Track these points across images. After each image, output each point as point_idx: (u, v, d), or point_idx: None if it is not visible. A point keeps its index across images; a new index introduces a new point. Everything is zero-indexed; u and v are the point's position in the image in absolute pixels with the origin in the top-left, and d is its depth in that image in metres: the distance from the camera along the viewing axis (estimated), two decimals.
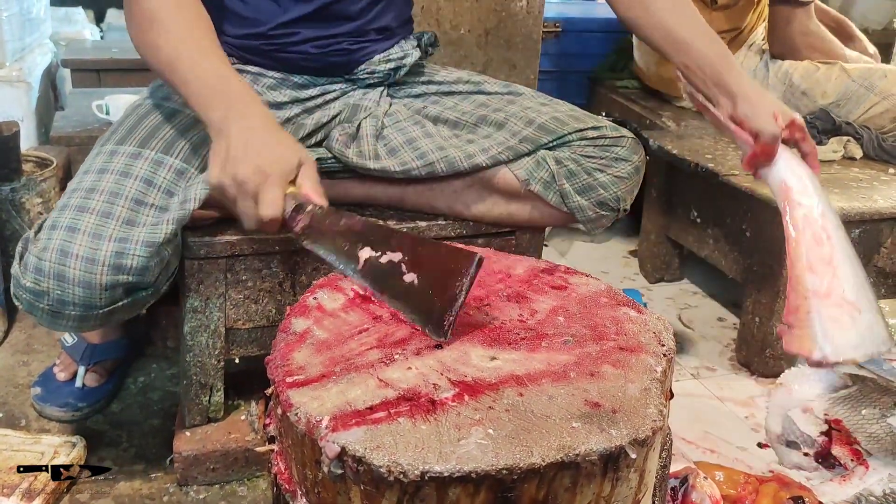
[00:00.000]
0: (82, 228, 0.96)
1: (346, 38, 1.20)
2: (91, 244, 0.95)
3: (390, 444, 0.59)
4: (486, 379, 0.67)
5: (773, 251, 1.54)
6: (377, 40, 1.24)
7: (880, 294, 1.65)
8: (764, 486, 1.22)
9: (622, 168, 1.22)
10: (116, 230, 0.97)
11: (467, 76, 1.33)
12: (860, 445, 1.35)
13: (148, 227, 0.99)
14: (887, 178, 1.70)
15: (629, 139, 1.23)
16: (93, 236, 0.96)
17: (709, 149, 1.82)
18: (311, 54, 1.19)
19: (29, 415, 1.33)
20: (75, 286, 0.95)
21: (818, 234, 1.09)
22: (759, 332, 1.60)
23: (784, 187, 1.14)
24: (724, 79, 1.16)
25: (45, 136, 2.37)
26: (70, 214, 0.97)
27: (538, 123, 1.21)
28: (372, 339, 0.73)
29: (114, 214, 0.98)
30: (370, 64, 1.24)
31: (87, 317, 0.98)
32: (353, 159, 1.18)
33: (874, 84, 1.94)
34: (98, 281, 0.95)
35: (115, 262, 0.95)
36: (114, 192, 1.00)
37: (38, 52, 2.68)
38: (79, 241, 0.95)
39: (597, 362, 0.71)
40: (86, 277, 0.95)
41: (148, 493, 1.19)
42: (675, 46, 1.19)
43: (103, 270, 0.95)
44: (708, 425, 1.44)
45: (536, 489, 0.59)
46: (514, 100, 1.27)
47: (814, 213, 1.11)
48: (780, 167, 1.15)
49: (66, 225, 0.96)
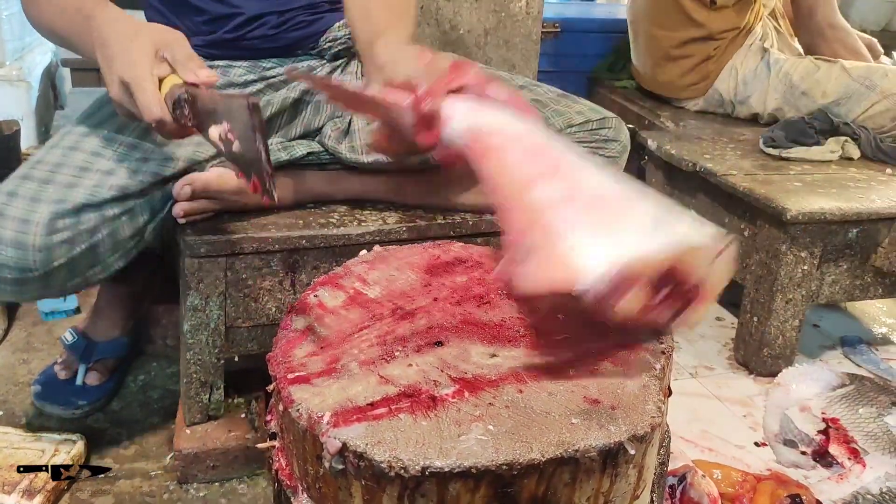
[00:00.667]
0: (21, 193, 0.99)
1: (300, 11, 1.21)
2: (27, 206, 0.97)
3: (391, 440, 0.59)
4: (486, 376, 0.68)
5: (771, 250, 1.55)
6: (332, 10, 1.24)
7: (877, 294, 1.66)
8: (761, 484, 1.23)
9: (612, 148, 1.24)
10: (55, 193, 0.99)
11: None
12: (857, 444, 1.36)
13: (89, 189, 1.01)
14: (885, 179, 1.71)
15: (612, 118, 1.25)
16: (30, 200, 0.98)
17: (707, 149, 1.83)
18: (270, 35, 1.19)
19: (29, 413, 1.33)
20: (8, 247, 0.96)
21: (531, 147, 0.75)
22: (757, 332, 1.61)
23: (471, 134, 0.77)
24: (374, 49, 0.92)
25: (45, 135, 2.38)
26: (13, 182, 1.00)
27: None
28: (373, 336, 0.74)
29: (55, 181, 1.00)
30: (331, 31, 1.24)
31: (23, 280, 0.99)
32: (346, 155, 1.19)
33: (875, 83, 1.94)
34: (31, 241, 0.96)
35: (48, 220, 0.97)
36: (59, 164, 1.02)
37: (38, 52, 2.68)
38: (16, 204, 0.98)
39: (596, 359, 0.71)
40: (19, 238, 0.96)
41: (148, 490, 1.19)
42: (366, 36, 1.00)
43: (37, 230, 0.97)
44: (706, 424, 1.45)
45: (536, 484, 0.60)
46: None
47: (515, 132, 0.77)
48: (458, 114, 0.78)
49: (7, 191, 0.99)
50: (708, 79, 2.18)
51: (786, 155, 1.79)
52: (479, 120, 0.77)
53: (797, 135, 1.81)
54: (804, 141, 1.81)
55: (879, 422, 1.41)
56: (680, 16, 2.15)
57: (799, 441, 1.39)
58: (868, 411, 1.44)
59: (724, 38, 2.14)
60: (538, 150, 0.74)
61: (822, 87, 2.00)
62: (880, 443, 1.36)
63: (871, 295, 1.66)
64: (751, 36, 2.15)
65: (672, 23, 2.18)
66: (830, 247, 1.55)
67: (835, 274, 1.59)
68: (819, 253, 1.54)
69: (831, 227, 1.53)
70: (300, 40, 1.22)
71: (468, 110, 0.78)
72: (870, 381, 1.57)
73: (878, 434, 1.38)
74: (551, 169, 0.71)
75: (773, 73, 2.08)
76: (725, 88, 2.16)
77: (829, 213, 1.49)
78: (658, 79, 2.29)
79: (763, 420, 1.47)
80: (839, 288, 1.61)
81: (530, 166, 0.72)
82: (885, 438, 1.37)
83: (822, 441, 1.37)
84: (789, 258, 1.52)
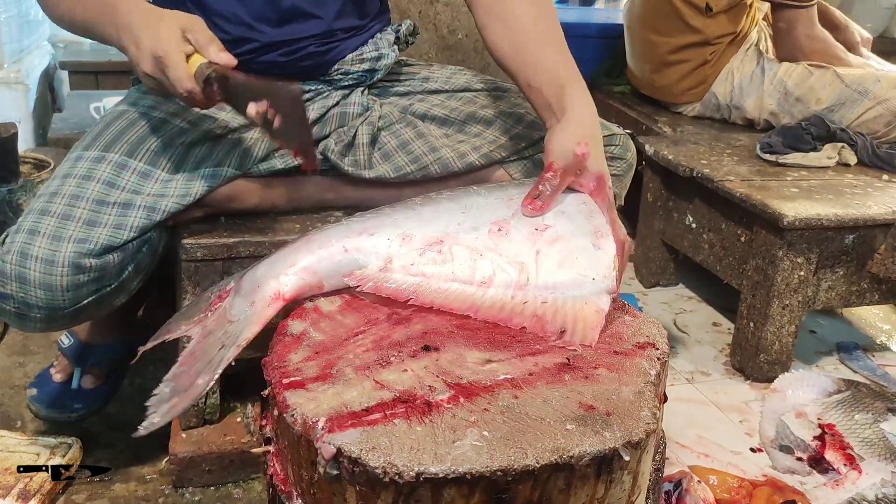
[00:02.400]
0: (42, 231, 0.97)
1: (313, 40, 1.18)
2: (50, 246, 0.96)
3: (386, 446, 0.59)
4: (482, 381, 0.68)
5: (767, 256, 1.55)
6: (345, 38, 1.22)
7: (874, 300, 1.66)
8: (757, 490, 1.23)
9: (618, 166, 1.23)
10: (76, 231, 0.98)
11: (450, 73, 1.32)
12: (853, 450, 1.36)
13: (110, 229, 1.00)
14: (881, 185, 1.71)
15: (621, 136, 1.24)
16: (52, 238, 0.97)
17: (704, 154, 1.83)
18: (280, 63, 1.17)
19: (25, 416, 1.33)
20: (37, 288, 0.96)
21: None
22: (754, 338, 1.61)
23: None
24: (562, 100, 0.99)
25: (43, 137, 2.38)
26: (32, 218, 0.99)
27: (528, 121, 1.22)
28: (368, 341, 0.74)
29: (74, 216, 0.99)
30: (342, 64, 1.22)
31: (52, 317, 0.99)
32: (348, 169, 1.18)
33: (868, 89, 1.95)
34: (59, 283, 0.96)
35: (74, 262, 0.96)
36: (75, 195, 1.01)
37: (36, 54, 2.68)
38: (38, 243, 0.96)
39: (591, 366, 0.71)
40: (46, 279, 0.96)
41: (143, 494, 1.19)
42: (524, 65, 1.04)
43: (63, 272, 0.96)
44: (702, 429, 1.45)
45: (531, 491, 0.60)
46: (501, 96, 1.28)
47: None
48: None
49: (28, 228, 0.98)
50: (705, 83, 2.19)
51: (783, 161, 1.80)
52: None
53: (794, 141, 1.82)
54: (801, 147, 1.81)
55: (875, 428, 1.41)
56: (676, 21, 2.15)
57: (795, 447, 1.39)
58: (864, 417, 1.44)
59: (721, 44, 2.14)
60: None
61: (816, 93, 2.01)
62: (876, 449, 1.36)
63: (867, 301, 1.66)
64: (747, 41, 2.16)
65: (668, 28, 2.18)
66: (827, 253, 1.56)
67: (831, 280, 1.59)
68: (815, 259, 1.54)
69: (828, 233, 1.53)
70: (310, 69, 1.21)
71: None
72: (866, 387, 1.57)
73: (873, 440, 1.38)
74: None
75: (768, 80, 2.09)
76: (722, 93, 2.17)
77: (825, 219, 1.50)
78: (655, 84, 2.29)
79: (759, 426, 1.47)
80: (835, 294, 1.61)
81: None
82: (881, 444, 1.37)
83: (818, 447, 1.37)
84: (786, 264, 1.53)
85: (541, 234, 0.84)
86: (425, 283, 0.80)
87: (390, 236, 0.81)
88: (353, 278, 0.80)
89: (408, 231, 0.82)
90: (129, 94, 1.19)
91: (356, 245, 0.80)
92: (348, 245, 0.79)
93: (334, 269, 0.79)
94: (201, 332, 0.74)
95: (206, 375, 0.67)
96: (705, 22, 2.12)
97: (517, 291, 0.79)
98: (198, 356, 0.70)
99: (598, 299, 0.78)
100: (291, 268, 0.77)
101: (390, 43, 1.28)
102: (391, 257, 0.80)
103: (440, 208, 0.88)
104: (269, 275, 0.78)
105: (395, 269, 0.80)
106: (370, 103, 1.24)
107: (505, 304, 0.78)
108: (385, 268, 0.80)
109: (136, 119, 1.11)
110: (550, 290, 0.78)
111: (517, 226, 0.85)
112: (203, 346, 0.71)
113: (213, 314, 0.77)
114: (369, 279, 0.80)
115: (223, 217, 1.16)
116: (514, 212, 0.87)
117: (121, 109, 1.14)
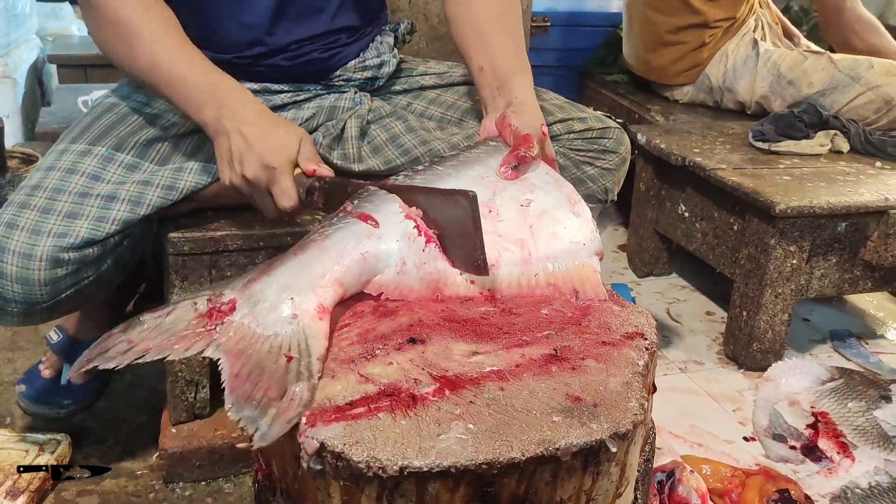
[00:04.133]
0: (21, 224, 0.96)
1: (316, 42, 1.16)
2: (28, 240, 0.95)
3: (369, 440, 0.58)
4: (468, 374, 0.67)
5: (760, 245, 1.55)
6: (348, 43, 1.21)
7: (867, 287, 1.66)
8: (750, 479, 1.23)
9: (610, 160, 1.22)
10: (56, 225, 0.97)
11: (448, 68, 1.32)
12: (846, 438, 1.36)
13: (91, 221, 0.98)
14: (874, 172, 1.71)
15: (615, 129, 1.23)
16: (31, 232, 0.96)
17: (697, 143, 1.83)
18: (283, 67, 1.16)
19: (14, 412, 1.32)
20: (14, 283, 0.95)
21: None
22: (747, 326, 1.60)
23: None
24: (509, 84, 1.03)
25: (31, 131, 2.36)
26: (11, 210, 0.97)
27: None
28: (353, 334, 0.73)
29: (55, 210, 0.98)
30: (345, 70, 1.21)
31: (30, 312, 0.98)
32: (337, 163, 1.17)
33: (860, 74, 1.95)
34: (36, 277, 0.95)
35: (52, 255, 0.95)
36: (57, 189, 0.99)
37: (24, 48, 2.66)
38: (17, 237, 0.95)
39: (579, 356, 0.71)
40: (23, 273, 0.95)
41: (134, 490, 1.18)
42: (482, 48, 1.08)
43: (41, 266, 0.95)
44: (695, 419, 1.45)
45: (517, 483, 0.59)
46: None
47: None
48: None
49: (6, 221, 0.96)
50: (699, 66, 2.19)
51: (775, 149, 1.79)
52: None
53: (786, 128, 1.81)
54: (793, 134, 1.80)
55: (868, 416, 1.41)
56: (678, 2, 2.16)
57: (788, 435, 1.39)
58: (857, 405, 1.44)
59: (719, 27, 2.15)
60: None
61: (808, 77, 2.01)
62: (869, 437, 1.36)
63: (860, 289, 1.66)
64: (744, 26, 2.16)
65: (670, 8, 2.19)
66: (819, 241, 1.55)
67: (824, 268, 1.59)
68: (808, 247, 1.54)
69: (820, 220, 1.53)
70: (311, 74, 1.19)
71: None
72: (859, 375, 1.57)
73: (867, 428, 1.38)
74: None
75: (762, 63, 2.09)
76: (715, 74, 2.17)
77: (818, 206, 1.49)
78: (651, 63, 2.29)
79: (752, 415, 1.47)
80: (828, 282, 1.60)
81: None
82: (874, 432, 1.37)
83: (812, 435, 1.37)
84: (778, 252, 1.52)
85: (528, 210, 0.86)
86: (443, 278, 0.80)
87: (398, 237, 0.80)
88: (374, 287, 0.78)
89: (409, 230, 0.80)
90: (121, 86, 1.17)
91: (372, 251, 0.78)
92: (364, 251, 0.78)
93: (356, 277, 0.77)
94: (229, 354, 0.69)
95: (302, 383, 0.64)
96: (707, 5, 2.13)
97: (524, 267, 0.82)
98: (253, 373, 0.66)
99: (592, 262, 0.83)
100: (323, 279, 0.75)
101: (391, 47, 1.27)
102: (404, 259, 0.79)
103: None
104: (300, 286, 0.73)
105: (410, 271, 0.79)
106: (361, 98, 1.23)
107: (521, 279, 0.82)
108: (401, 271, 0.79)
109: (128, 113, 1.09)
110: (552, 260, 0.83)
111: (504, 205, 0.86)
112: (250, 365, 0.67)
113: (227, 330, 0.70)
114: (390, 285, 0.79)
115: (210, 210, 1.15)
116: (494, 190, 0.88)
117: (111, 102, 1.12)
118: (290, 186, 0.91)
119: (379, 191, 0.85)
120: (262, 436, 0.60)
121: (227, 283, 0.76)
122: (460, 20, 1.11)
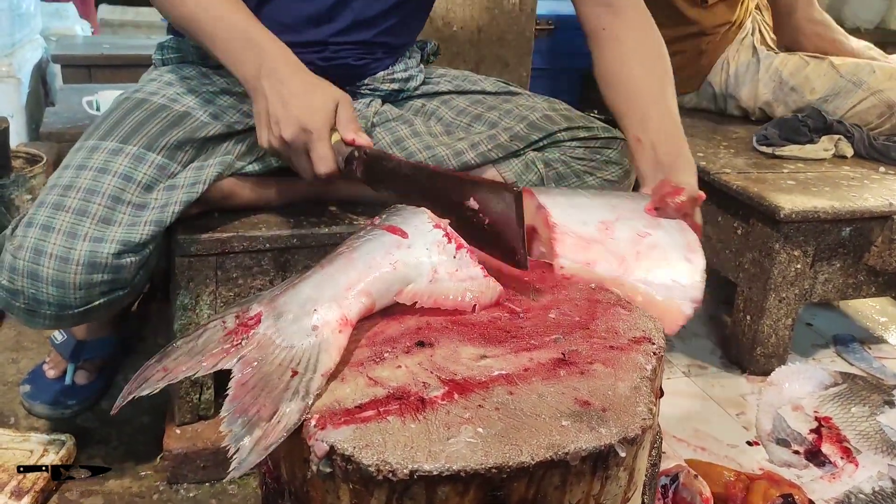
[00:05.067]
0: (57, 227, 0.95)
1: (353, 50, 1.17)
2: (65, 243, 0.95)
3: (379, 443, 0.58)
4: (476, 377, 0.67)
5: (764, 249, 1.55)
6: (382, 58, 1.22)
7: (870, 293, 1.66)
8: (754, 483, 1.22)
9: (612, 171, 1.22)
10: (92, 229, 0.96)
11: (461, 75, 1.32)
12: (850, 443, 1.36)
13: (125, 227, 0.98)
14: (878, 177, 1.71)
15: (620, 141, 1.22)
16: (67, 235, 0.95)
17: (701, 147, 1.83)
18: (316, 65, 1.14)
19: (18, 412, 1.32)
20: (49, 285, 0.94)
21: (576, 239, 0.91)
22: (751, 331, 1.60)
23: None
24: (673, 166, 1.01)
25: (36, 132, 2.36)
26: (46, 212, 0.96)
27: (530, 121, 1.21)
28: (361, 337, 0.73)
29: (90, 212, 0.97)
30: (373, 80, 1.22)
31: (62, 316, 0.98)
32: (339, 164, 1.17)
33: (862, 80, 1.95)
34: (71, 280, 0.95)
35: (89, 261, 0.95)
36: (91, 190, 0.99)
37: (28, 48, 2.66)
38: (53, 239, 0.94)
39: (587, 361, 0.71)
40: (59, 277, 0.94)
41: (138, 491, 1.18)
42: (637, 119, 1.05)
43: (77, 270, 0.95)
44: (699, 423, 1.45)
45: (526, 488, 0.59)
46: (509, 99, 1.27)
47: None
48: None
49: (42, 223, 0.95)
50: (701, 73, 2.19)
51: (779, 153, 1.79)
52: None
53: (791, 133, 1.81)
54: (798, 139, 1.80)
55: (872, 421, 1.40)
56: (671, 13, 2.15)
57: (791, 440, 1.39)
58: (860, 410, 1.44)
59: (716, 34, 2.14)
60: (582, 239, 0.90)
61: (811, 83, 2.01)
62: (873, 442, 1.36)
63: (864, 293, 1.66)
64: (742, 30, 2.16)
65: (663, 19, 2.17)
66: (823, 245, 1.55)
67: (828, 272, 1.59)
68: (812, 251, 1.54)
69: (824, 225, 1.53)
70: (340, 78, 1.17)
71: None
72: (862, 380, 1.57)
73: (870, 433, 1.38)
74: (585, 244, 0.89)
75: (763, 69, 2.08)
76: (717, 82, 2.17)
77: (822, 211, 1.49)
78: None
79: (756, 419, 1.47)
80: (832, 286, 1.60)
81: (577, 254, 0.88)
82: (878, 437, 1.37)
83: (815, 440, 1.37)
84: (782, 257, 1.52)
85: (642, 240, 0.89)
86: (480, 284, 0.79)
87: (427, 245, 0.79)
88: (407, 296, 0.77)
89: (439, 238, 0.80)
90: (148, 81, 1.16)
91: (402, 260, 0.78)
92: (394, 261, 0.77)
93: (385, 288, 0.76)
94: (242, 363, 0.70)
95: (294, 404, 0.64)
96: (701, 13, 2.12)
97: (614, 277, 0.86)
98: (257, 386, 0.67)
99: (684, 304, 0.84)
100: (349, 291, 0.74)
101: (417, 62, 1.28)
102: (435, 267, 0.79)
103: None
104: (324, 298, 0.73)
105: (442, 278, 0.78)
106: (370, 100, 1.23)
107: (616, 277, 0.86)
108: (433, 279, 0.78)
109: (157, 110, 1.09)
110: (645, 285, 0.85)
111: (621, 228, 0.91)
112: (258, 376, 0.68)
113: (251, 342, 0.70)
114: (424, 293, 0.77)
115: (217, 213, 1.15)
116: (618, 217, 0.92)
117: (139, 98, 1.11)
118: (327, 152, 0.91)
119: (407, 206, 0.85)
120: (239, 463, 0.60)
121: (255, 298, 0.76)
122: (612, 74, 1.09)
